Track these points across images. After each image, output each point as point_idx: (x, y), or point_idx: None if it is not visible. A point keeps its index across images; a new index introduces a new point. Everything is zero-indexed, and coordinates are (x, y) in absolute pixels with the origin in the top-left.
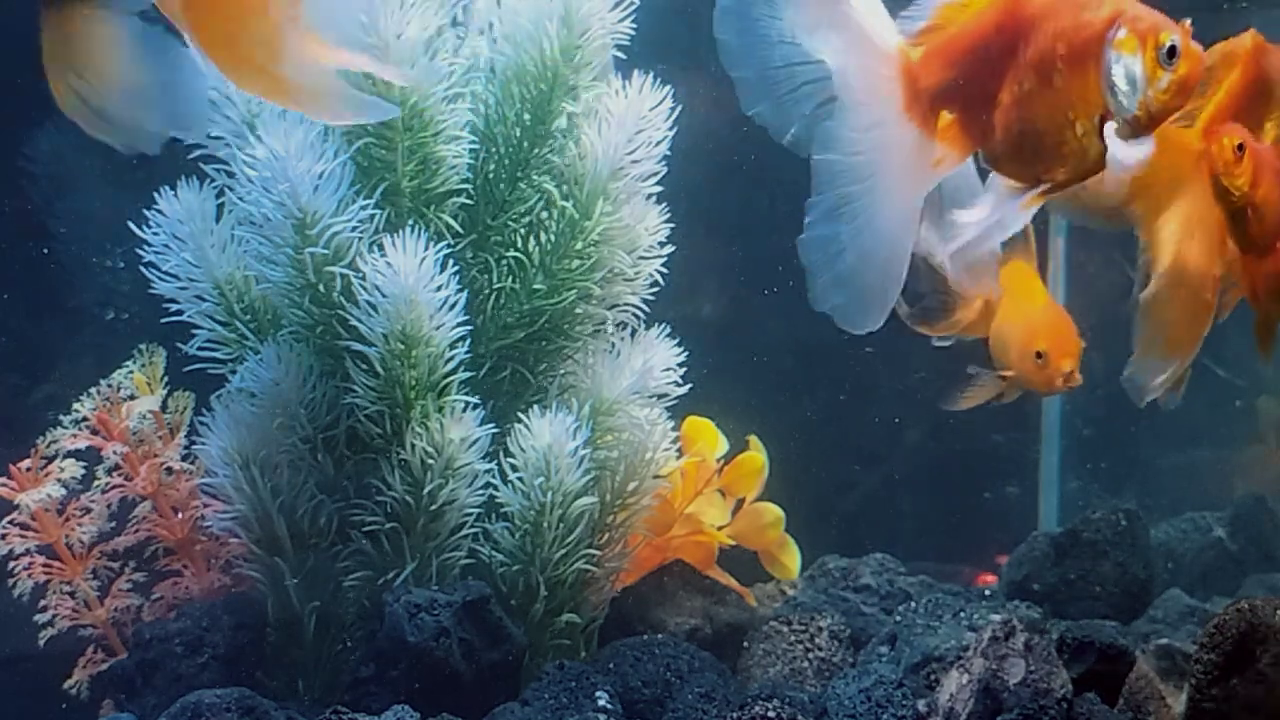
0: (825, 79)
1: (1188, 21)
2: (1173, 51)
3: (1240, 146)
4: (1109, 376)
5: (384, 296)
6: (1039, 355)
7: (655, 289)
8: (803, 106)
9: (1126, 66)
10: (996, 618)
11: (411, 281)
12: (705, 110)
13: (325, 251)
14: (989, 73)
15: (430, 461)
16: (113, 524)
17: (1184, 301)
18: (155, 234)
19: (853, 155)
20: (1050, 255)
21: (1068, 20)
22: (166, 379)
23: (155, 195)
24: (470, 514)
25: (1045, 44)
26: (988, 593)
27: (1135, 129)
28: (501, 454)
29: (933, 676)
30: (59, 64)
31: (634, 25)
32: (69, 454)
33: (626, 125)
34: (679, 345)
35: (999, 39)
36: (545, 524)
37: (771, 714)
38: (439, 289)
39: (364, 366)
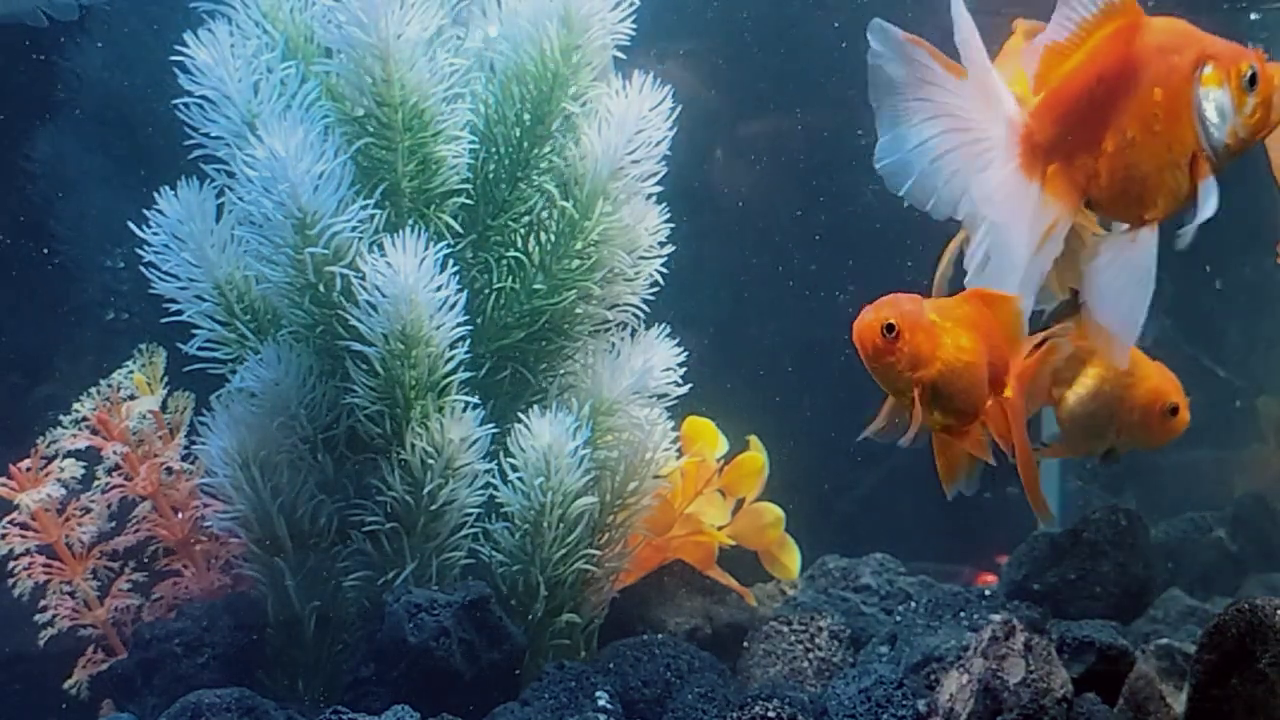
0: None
1: (1261, 48)
2: (1254, 78)
3: (890, 327)
4: None
5: (384, 296)
6: (1173, 411)
7: (655, 289)
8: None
9: (1216, 101)
10: (996, 618)
11: (411, 281)
12: (707, 110)
13: (325, 251)
14: (1093, 124)
15: (430, 461)
16: (113, 524)
17: None
18: (155, 234)
19: (979, 212)
20: None
21: (1161, 66)
22: (166, 379)
23: (155, 195)
24: (470, 514)
25: (1145, 92)
26: (988, 593)
27: (1224, 158)
28: (501, 454)
29: (933, 676)
30: None
31: (634, 25)
32: (69, 454)
33: (626, 125)
34: (679, 345)
35: (1102, 91)
36: (545, 524)
37: (771, 714)
38: (439, 289)
39: (364, 366)
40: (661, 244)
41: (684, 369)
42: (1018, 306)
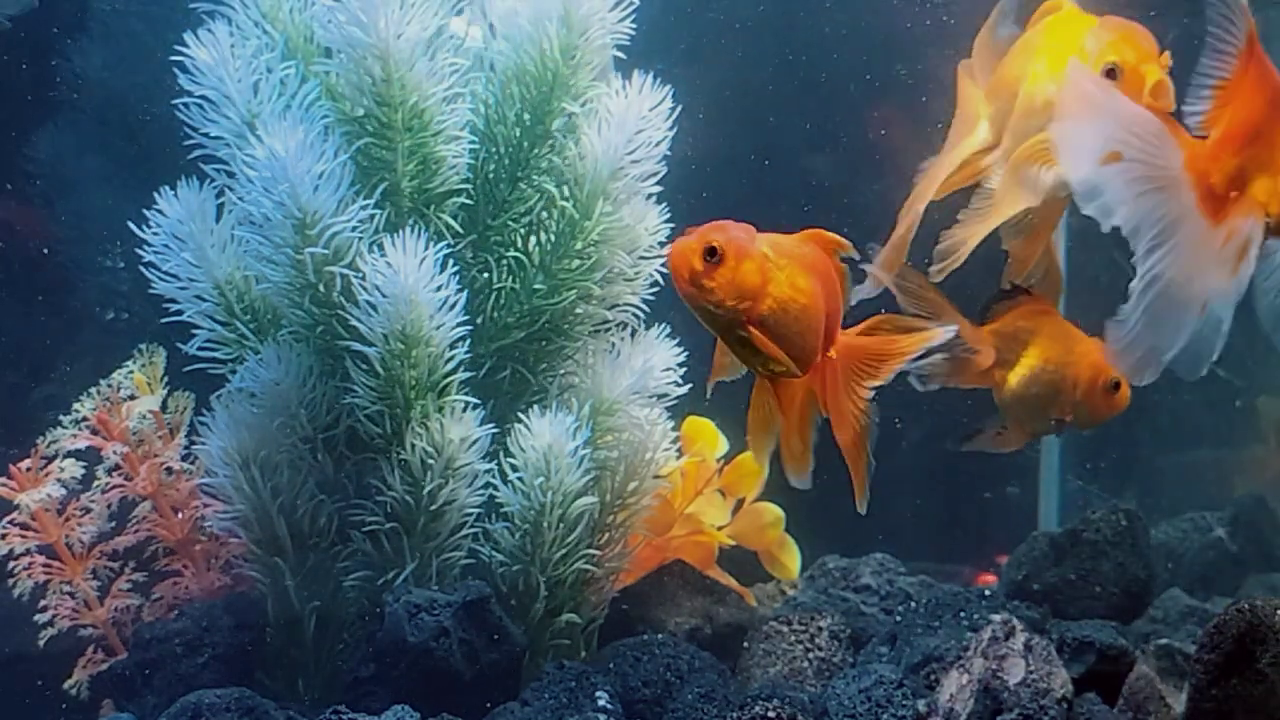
0: None
1: None
2: None
3: (712, 250)
4: None
5: (384, 296)
6: (1115, 386)
7: (655, 289)
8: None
9: None
10: (996, 618)
11: (411, 281)
12: (707, 110)
13: (325, 251)
14: (1268, 146)
15: (430, 461)
16: (113, 524)
17: None
18: (155, 234)
19: (1160, 254)
20: None
21: None
22: (166, 379)
23: (155, 195)
24: (470, 514)
25: None
26: (988, 593)
27: None
28: (501, 454)
29: (933, 676)
30: None
31: (634, 25)
32: (69, 454)
33: (626, 125)
34: (679, 345)
35: (1272, 113)
36: (545, 524)
37: (771, 714)
38: (439, 289)
39: (364, 366)
40: (661, 244)
41: (684, 369)
42: (845, 274)
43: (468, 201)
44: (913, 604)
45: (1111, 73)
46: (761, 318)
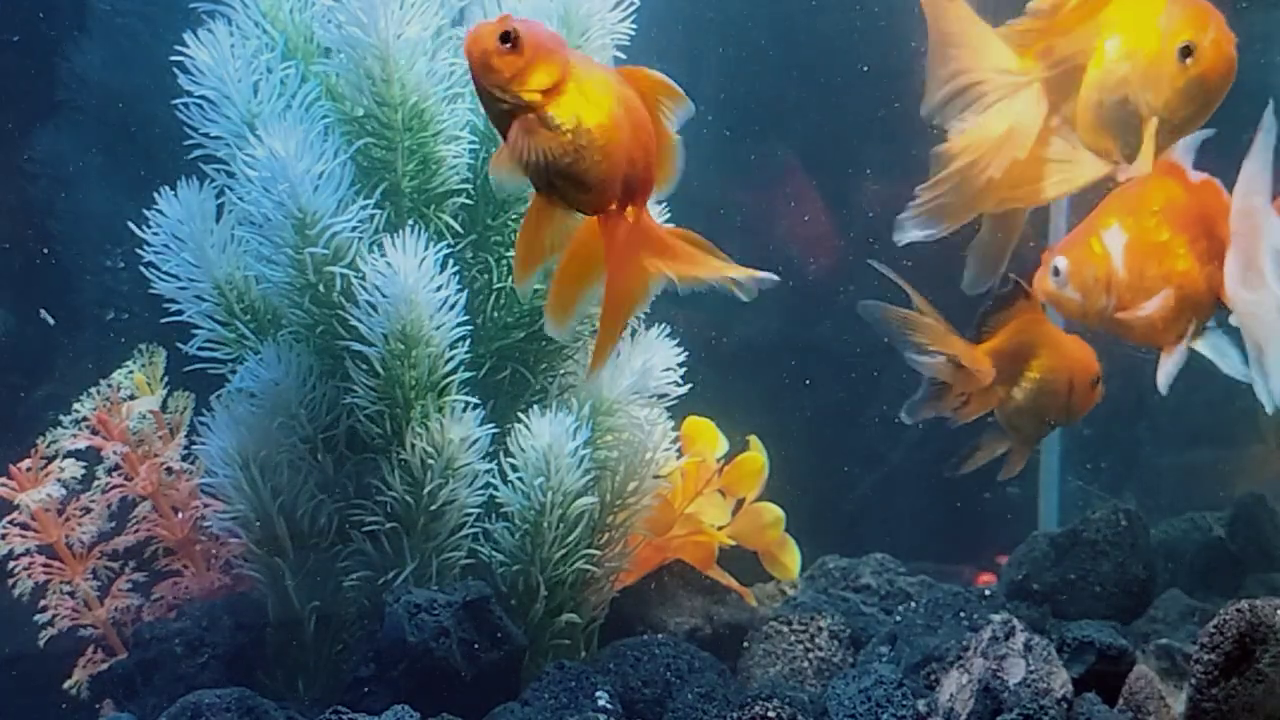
0: None
1: None
2: None
3: (508, 35)
4: (1109, 377)
5: (384, 296)
6: (1098, 381)
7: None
8: None
9: None
10: (996, 618)
11: (411, 281)
12: (705, 109)
13: (325, 251)
14: None
15: (430, 461)
16: (113, 524)
17: None
18: (155, 234)
19: None
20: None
21: None
22: (166, 379)
23: (155, 195)
24: (470, 514)
25: None
26: (988, 593)
27: None
28: (501, 454)
29: (933, 676)
30: None
31: (634, 25)
32: (69, 454)
33: None
34: (679, 345)
35: None
36: (545, 524)
37: (771, 714)
38: (439, 289)
39: (364, 366)
40: None
41: (684, 369)
42: (675, 142)
43: (468, 201)
44: (913, 604)
45: (1187, 51)
46: (545, 110)
